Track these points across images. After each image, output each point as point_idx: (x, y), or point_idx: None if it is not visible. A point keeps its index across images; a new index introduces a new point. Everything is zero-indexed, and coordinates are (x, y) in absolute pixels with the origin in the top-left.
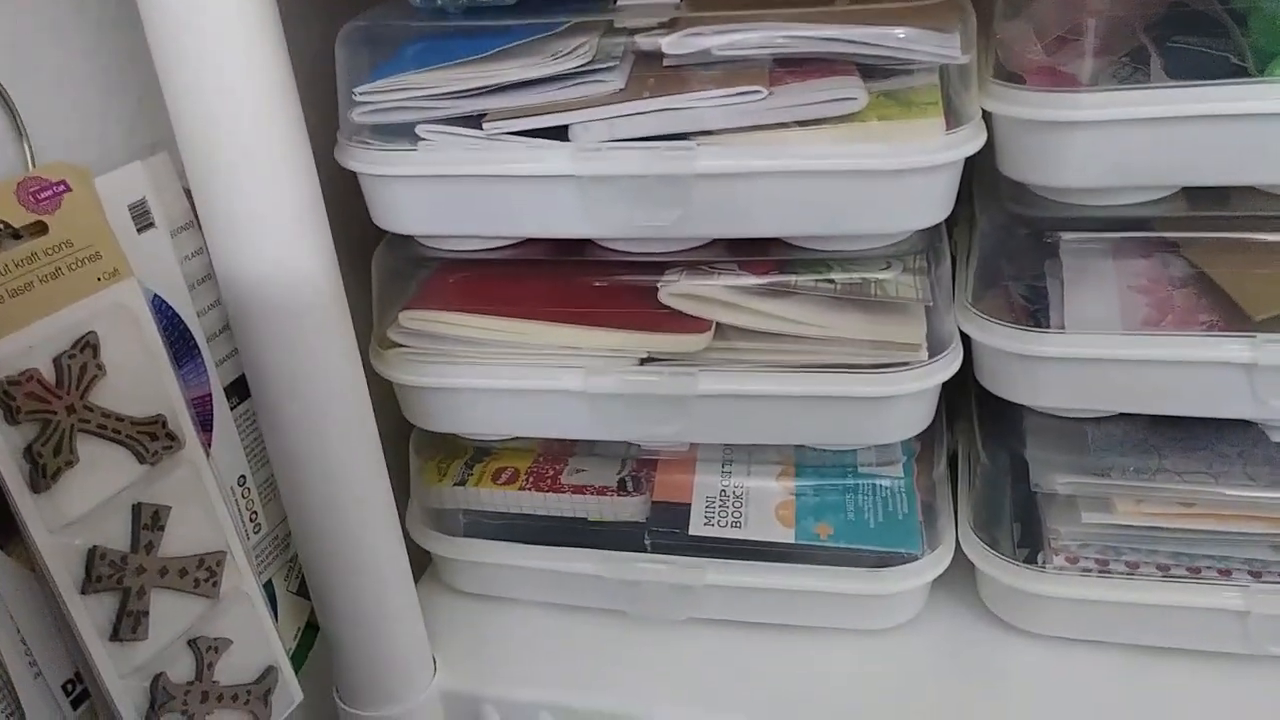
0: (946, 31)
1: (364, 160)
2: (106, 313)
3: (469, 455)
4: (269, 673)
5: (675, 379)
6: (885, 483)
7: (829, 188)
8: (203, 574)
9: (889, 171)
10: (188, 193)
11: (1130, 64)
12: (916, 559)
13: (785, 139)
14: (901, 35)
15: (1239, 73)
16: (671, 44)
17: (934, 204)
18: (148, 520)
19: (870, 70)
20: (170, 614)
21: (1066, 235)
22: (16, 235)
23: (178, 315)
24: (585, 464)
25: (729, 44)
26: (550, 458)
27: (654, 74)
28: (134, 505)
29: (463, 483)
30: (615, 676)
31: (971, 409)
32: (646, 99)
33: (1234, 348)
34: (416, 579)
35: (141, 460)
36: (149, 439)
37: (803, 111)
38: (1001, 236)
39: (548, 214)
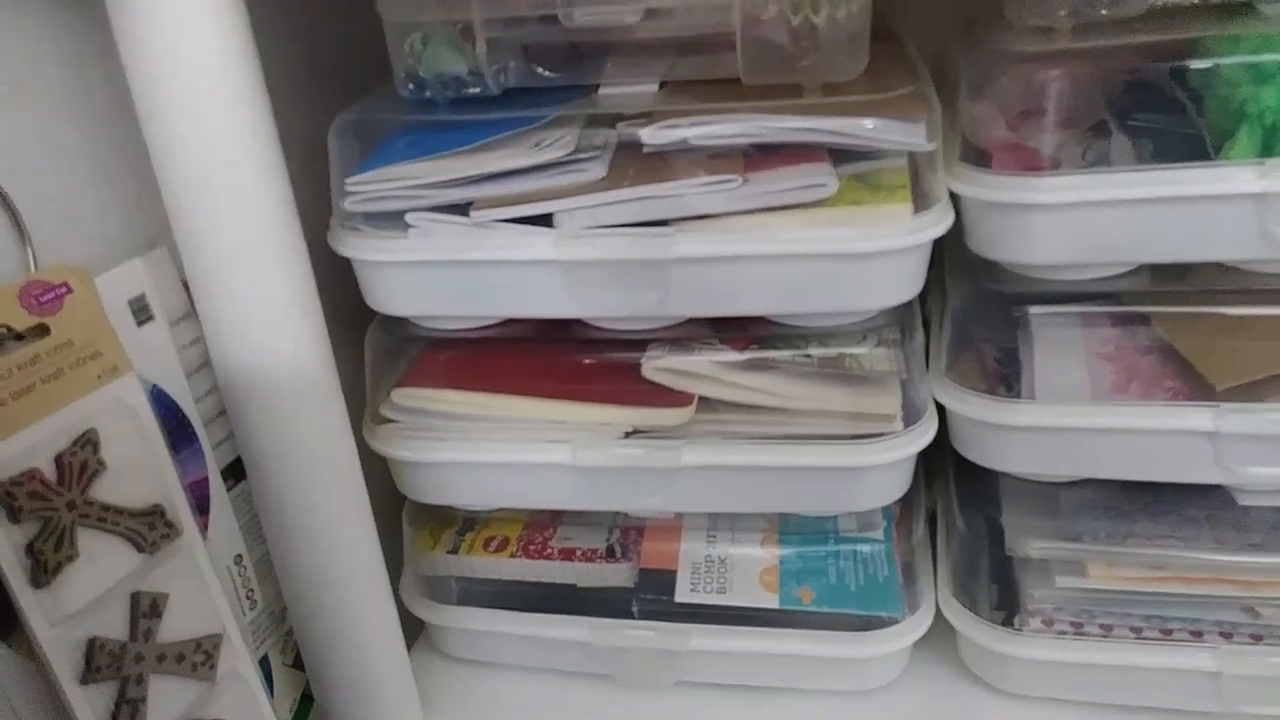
0: (913, 121)
1: (356, 247)
2: (107, 409)
3: (460, 524)
4: None
5: (660, 451)
6: (865, 548)
7: (802, 269)
8: (200, 657)
9: (859, 255)
10: (185, 284)
11: (1093, 138)
12: (897, 622)
13: (760, 224)
14: (870, 126)
15: (1197, 151)
16: (650, 134)
17: (904, 282)
18: (146, 608)
19: (841, 155)
20: (168, 698)
21: (1034, 308)
22: (19, 337)
23: (176, 404)
24: (573, 531)
25: (705, 135)
26: (539, 526)
27: (635, 161)
28: (133, 594)
29: (454, 551)
30: None
31: (948, 471)
32: (627, 188)
33: (1197, 417)
34: (411, 645)
35: (140, 550)
36: (147, 529)
37: (776, 198)
38: (972, 308)
39: (533, 296)
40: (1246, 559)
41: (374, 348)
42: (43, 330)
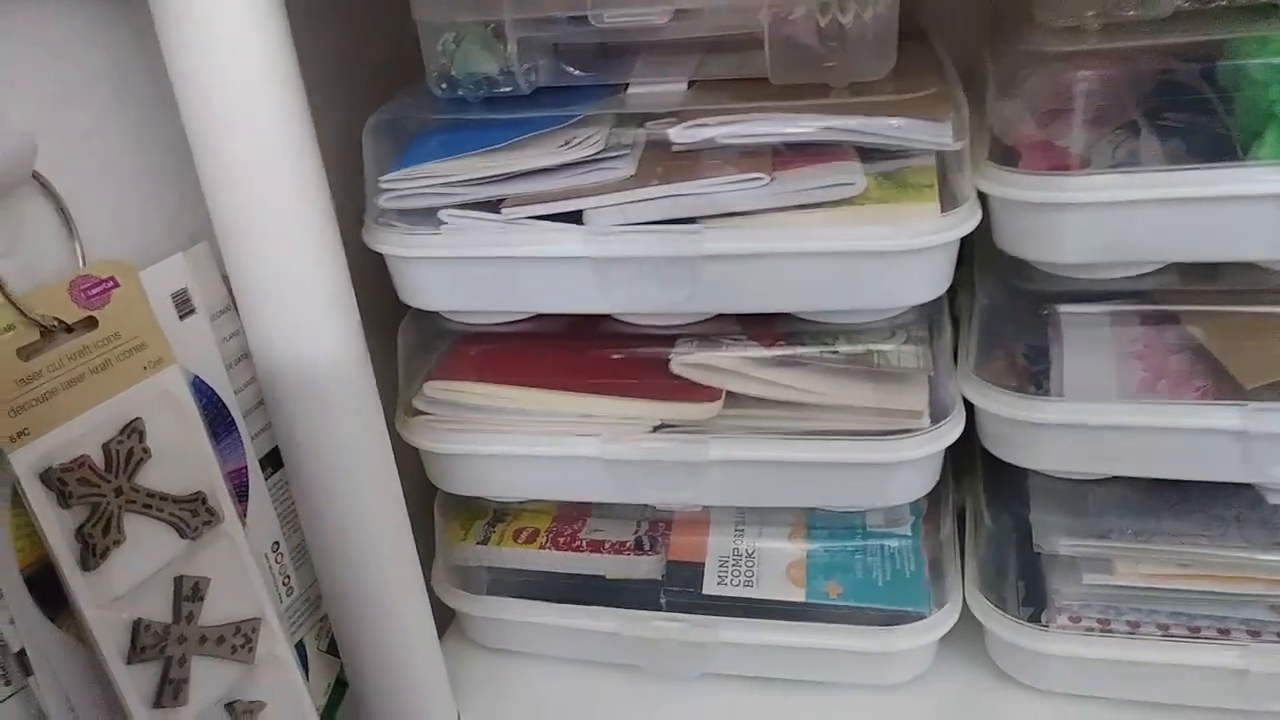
0: (940, 121)
1: (390, 243)
2: (152, 399)
3: (491, 515)
4: None
5: (687, 446)
6: (893, 543)
7: (829, 268)
8: (239, 640)
9: (886, 253)
10: (226, 279)
11: (1123, 138)
12: (924, 617)
13: (788, 221)
14: (897, 125)
15: (1226, 151)
16: (678, 134)
17: (931, 281)
18: (188, 592)
19: (869, 153)
20: (209, 679)
21: (1063, 307)
22: (69, 330)
23: (216, 394)
24: (602, 524)
25: (733, 134)
26: (569, 518)
27: (663, 160)
28: (176, 578)
29: (485, 541)
30: None
31: (977, 467)
32: (655, 185)
33: (1225, 415)
34: (442, 634)
35: (183, 535)
36: (190, 515)
37: (803, 196)
38: (1002, 306)
39: (562, 292)
40: (1275, 557)
41: (407, 342)
42: (91, 323)
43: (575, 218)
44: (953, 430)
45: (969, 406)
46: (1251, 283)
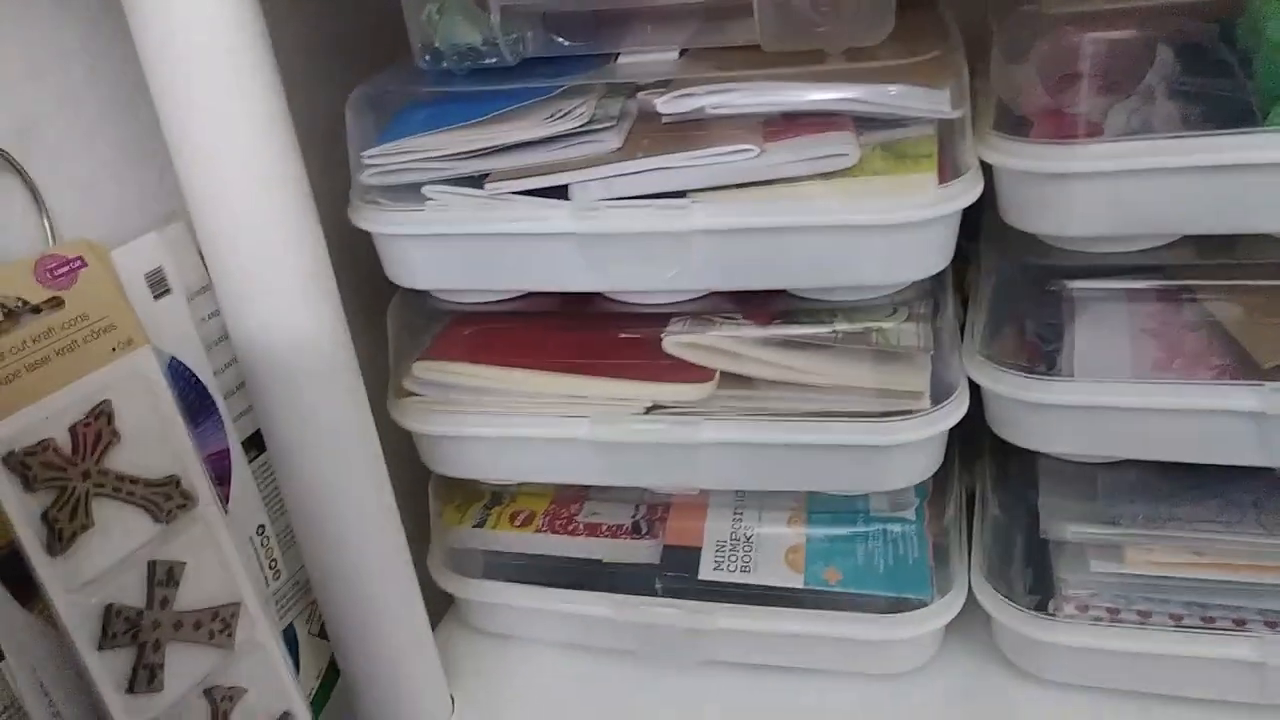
0: (937, 88)
1: (374, 220)
2: (121, 381)
3: (487, 499)
4: (285, 719)
5: (679, 428)
6: (896, 528)
7: (823, 242)
8: (217, 625)
9: (880, 226)
10: (204, 258)
11: (1139, 104)
12: (926, 605)
13: (780, 194)
14: (892, 93)
15: (1246, 117)
16: (666, 104)
17: (930, 255)
18: (162, 577)
19: (868, 123)
20: (186, 665)
21: (1073, 283)
22: (37, 310)
23: (195, 376)
24: (600, 507)
25: (722, 103)
26: (566, 500)
27: (651, 132)
28: (149, 563)
29: (481, 525)
30: (628, 717)
31: (985, 448)
32: (641, 159)
33: (1242, 396)
34: (439, 619)
35: (156, 520)
36: (163, 499)
37: (795, 168)
38: (1010, 282)
39: (550, 269)
40: None
41: (396, 322)
42: (57, 303)
43: (561, 192)
44: (955, 411)
45: (976, 387)
46: (1271, 256)
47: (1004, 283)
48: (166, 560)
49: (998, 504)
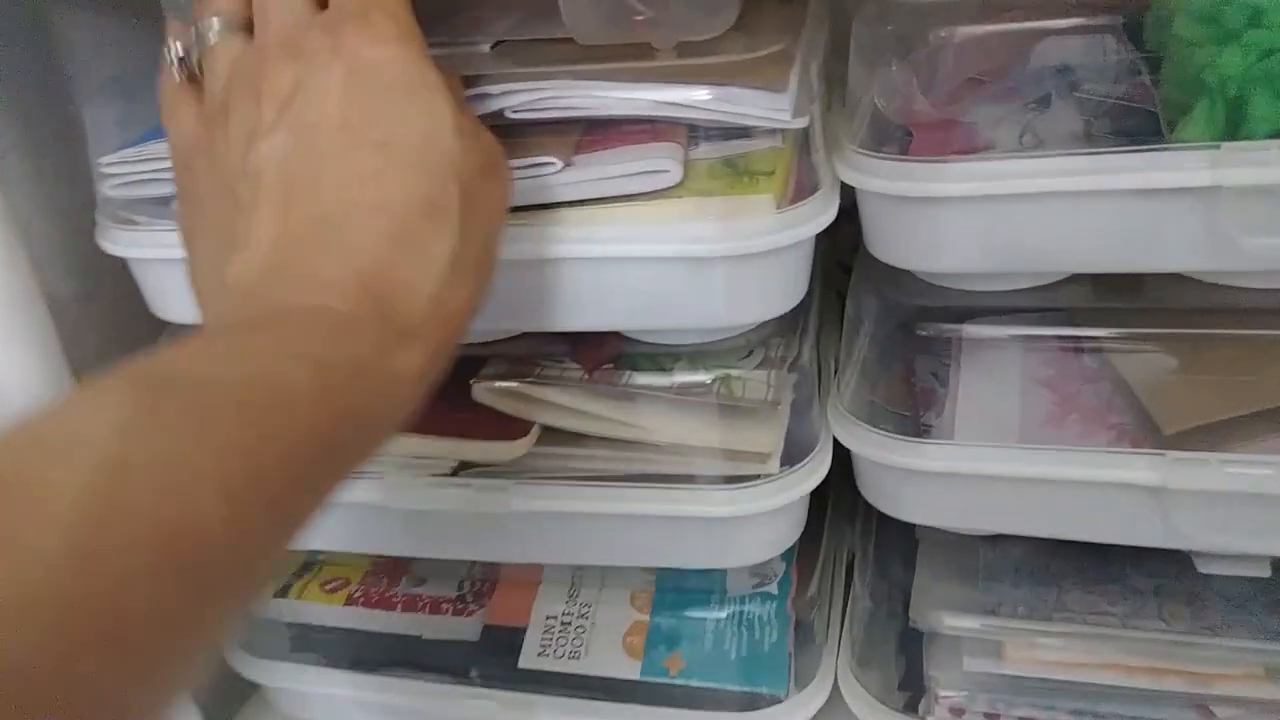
0: (777, 91)
1: (122, 242)
2: None
3: (299, 566)
4: None
5: (484, 494)
6: (754, 607)
7: (638, 275)
8: None
9: (703, 259)
10: None
11: (1036, 113)
12: (779, 701)
13: (592, 218)
14: (707, 96)
15: (1153, 131)
16: None
17: (775, 292)
18: None
19: (711, 133)
20: None
21: (952, 327)
22: None
23: None
24: (428, 572)
25: (523, 105)
26: (385, 568)
27: None
28: None
29: (284, 593)
30: None
31: (860, 510)
32: None
33: (1139, 468)
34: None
35: None
36: None
37: (604, 186)
38: (881, 325)
39: None
40: (1201, 641)
41: None
42: None
43: None
44: (813, 475)
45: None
46: (1178, 300)
47: (877, 325)
48: None
49: (869, 580)
